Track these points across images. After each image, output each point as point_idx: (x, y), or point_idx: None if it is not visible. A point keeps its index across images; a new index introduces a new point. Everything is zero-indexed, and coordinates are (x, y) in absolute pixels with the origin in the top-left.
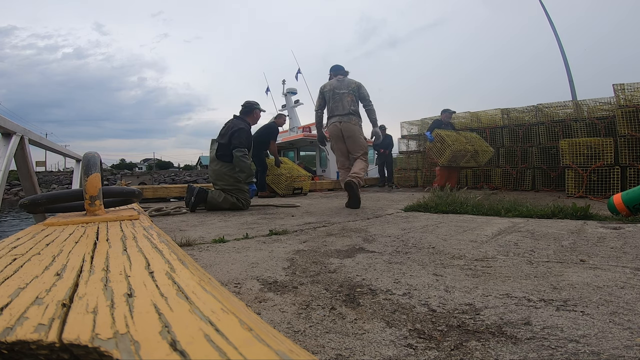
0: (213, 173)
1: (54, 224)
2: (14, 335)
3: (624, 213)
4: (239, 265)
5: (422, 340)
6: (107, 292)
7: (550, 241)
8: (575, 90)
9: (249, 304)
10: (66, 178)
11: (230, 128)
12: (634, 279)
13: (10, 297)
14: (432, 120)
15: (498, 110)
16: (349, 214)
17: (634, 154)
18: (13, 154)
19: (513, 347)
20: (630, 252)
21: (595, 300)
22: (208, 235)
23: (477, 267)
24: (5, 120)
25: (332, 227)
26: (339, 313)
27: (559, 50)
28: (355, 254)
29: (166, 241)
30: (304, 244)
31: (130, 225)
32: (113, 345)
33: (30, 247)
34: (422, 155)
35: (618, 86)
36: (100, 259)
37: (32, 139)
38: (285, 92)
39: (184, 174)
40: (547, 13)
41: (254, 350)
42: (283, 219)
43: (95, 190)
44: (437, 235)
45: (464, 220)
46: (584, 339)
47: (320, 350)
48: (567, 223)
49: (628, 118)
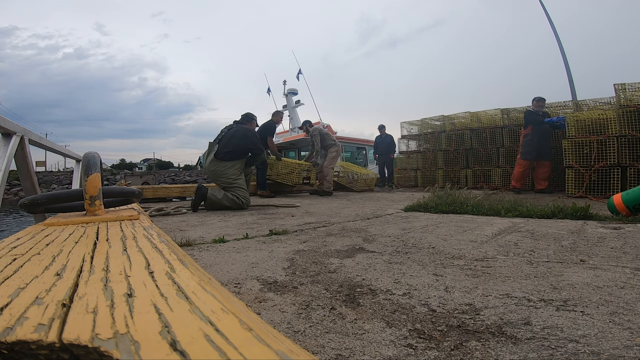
0: (212, 173)
1: (54, 224)
2: (14, 335)
3: (624, 213)
4: (239, 265)
5: (422, 340)
6: (107, 292)
7: (550, 241)
8: (575, 90)
9: (249, 304)
10: (66, 178)
11: (237, 132)
12: (634, 279)
13: (10, 297)
14: (432, 120)
15: (498, 110)
16: (349, 214)
17: (634, 154)
18: (13, 154)
19: (513, 347)
20: (630, 252)
21: (595, 300)
22: (208, 235)
23: (477, 267)
24: (5, 120)
25: (332, 227)
26: (339, 313)
27: (559, 50)
28: (355, 254)
29: (166, 241)
30: (304, 244)
31: (130, 225)
32: (113, 345)
33: (30, 247)
34: (422, 155)
35: (619, 86)
36: (100, 259)
37: (32, 139)
38: (286, 92)
39: (184, 174)
40: (547, 13)
41: (254, 350)
42: (283, 219)
43: (95, 190)
44: (437, 235)
45: (464, 220)
46: (584, 339)
47: (320, 350)
48: (567, 223)
49: (628, 118)
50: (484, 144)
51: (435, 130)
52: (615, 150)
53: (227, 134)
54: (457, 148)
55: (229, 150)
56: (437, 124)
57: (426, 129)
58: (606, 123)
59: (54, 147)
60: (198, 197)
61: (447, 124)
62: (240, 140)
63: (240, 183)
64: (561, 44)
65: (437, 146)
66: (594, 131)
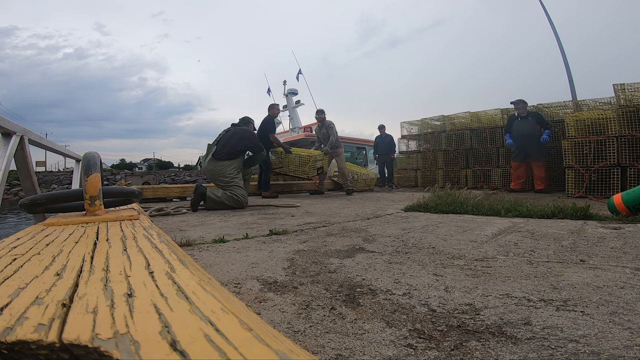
0: (210, 173)
1: (54, 224)
2: (14, 335)
3: (624, 213)
4: (239, 265)
5: (422, 340)
6: (107, 292)
7: (550, 241)
8: (575, 90)
9: (249, 304)
10: (66, 178)
11: (235, 133)
12: (634, 279)
13: (10, 297)
14: (432, 120)
15: (498, 110)
16: (349, 214)
17: (634, 154)
18: (13, 154)
19: (513, 347)
20: (630, 252)
21: (595, 300)
22: (208, 235)
23: (477, 267)
24: (5, 120)
25: (332, 227)
26: (339, 313)
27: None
28: (355, 254)
29: (166, 241)
30: (304, 244)
31: (130, 225)
32: (113, 345)
33: (30, 247)
34: (422, 155)
35: (618, 86)
36: (100, 259)
37: (32, 139)
38: (286, 92)
39: (184, 174)
40: (547, 13)
41: (254, 350)
42: (283, 219)
43: (95, 190)
44: (437, 235)
45: (464, 220)
46: (584, 339)
47: (320, 350)
48: (567, 223)
49: (628, 118)
50: (484, 144)
51: (435, 130)
52: (615, 150)
53: (226, 135)
54: (457, 148)
55: (227, 151)
56: (437, 124)
57: (426, 129)
58: (606, 123)
59: (54, 147)
60: (197, 196)
61: (447, 124)
62: (238, 141)
63: (237, 182)
64: (561, 43)
65: (437, 146)
66: (593, 131)
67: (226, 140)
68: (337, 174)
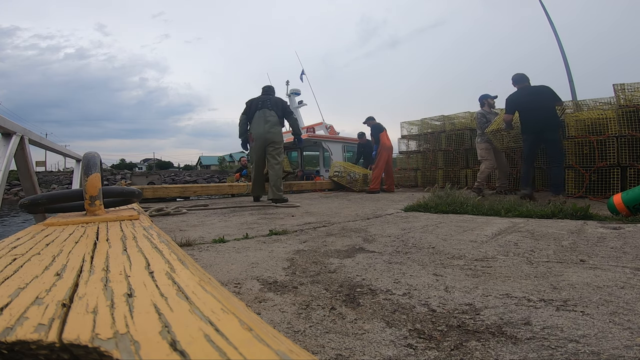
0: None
1: (54, 224)
2: (14, 335)
3: (624, 213)
4: (239, 265)
5: (422, 340)
6: (107, 292)
7: (550, 241)
8: (575, 90)
9: (249, 304)
10: (66, 178)
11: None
12: (634, 279)
13: (10, 297)
14: (432, 120)
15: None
16: (349, 214)
17: (634, 154)
18: (13, 154)
19: (513, 347)
20: (630, 252)
21: (595, 300)
22: (208, 235)
23: (477, 267)
24: (5, 120)
25: (332, 227)
26: (339, 313)
27: (559, 50)
28: (355, 254)
29: (166, 241)
30: (304, 244)
31: (130, 225)
32: (113, 345)
33: (30, 247)
34: (422, 155)
35: (618, 86)
36: (100, 259)
37: (32, 139)
38: (289, 93)
39: (184, 174)
40: (547, 13)
41: (254, 350)
42: (283, 219)
43: (95, 190)
44: (437, 235)
45: (464, 220)
46: (584, 339)
47: (320, 350)
48: (567, 223)
49: (628, 118)
50: None
51: (435, 130)
52: (615, 150)
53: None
54: (457, 148)
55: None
56: (437, 124)
57: (426, 129)
58: (606, 123)
59: (54, 147)
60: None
61: (447, 124)
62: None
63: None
64: (561, 44)
65: (437, 146)
66: (593, 131)
67: (274, 104)
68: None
